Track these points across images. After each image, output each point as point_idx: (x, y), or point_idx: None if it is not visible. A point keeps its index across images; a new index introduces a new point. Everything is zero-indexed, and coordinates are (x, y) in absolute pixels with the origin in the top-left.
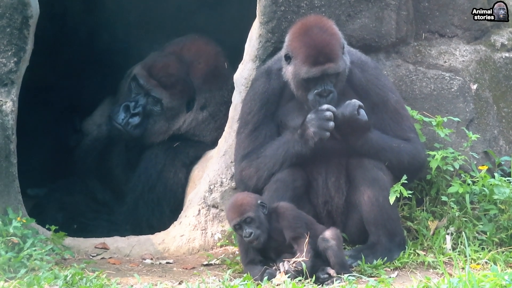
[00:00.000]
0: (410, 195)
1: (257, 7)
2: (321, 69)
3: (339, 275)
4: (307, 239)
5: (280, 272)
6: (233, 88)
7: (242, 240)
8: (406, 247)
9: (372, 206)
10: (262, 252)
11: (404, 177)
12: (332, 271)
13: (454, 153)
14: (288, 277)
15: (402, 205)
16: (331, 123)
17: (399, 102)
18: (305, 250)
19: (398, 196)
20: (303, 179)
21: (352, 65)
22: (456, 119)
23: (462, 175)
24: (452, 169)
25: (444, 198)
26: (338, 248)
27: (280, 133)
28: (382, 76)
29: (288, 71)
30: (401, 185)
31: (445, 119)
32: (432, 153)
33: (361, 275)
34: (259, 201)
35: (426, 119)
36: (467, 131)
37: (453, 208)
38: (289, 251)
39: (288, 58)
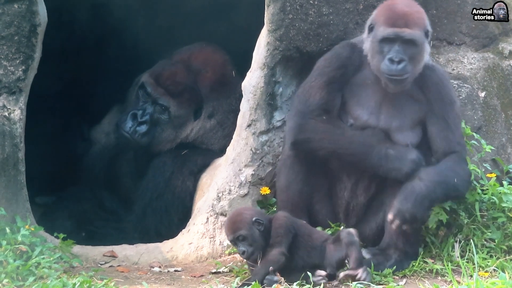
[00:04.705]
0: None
1: (265, 15)
2: (396, 31)
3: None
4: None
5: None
6: (241, 96)
7: None
8: (417, 258)
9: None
10: None
11: (449, 203)
12: (324, 273)
13: None
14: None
15: None
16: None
17: (460, 108)
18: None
19: (439, 220)
20: (326, 178)
21: (423, 67)
22: (473, 133)
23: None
24: None
25: (453, 206)
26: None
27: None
28: (448, 79)
29: (369, 41)
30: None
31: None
32: None
33: (370, 283)
34: (254, 218)
35: None
36: (482, 141)
37: (461, 215)
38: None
39: (371, 28)
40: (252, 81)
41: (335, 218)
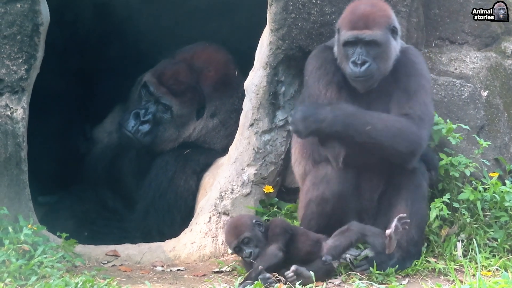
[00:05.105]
0: (447, 215)
1: (267, 14)
2: (355, 33)
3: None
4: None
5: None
6: (243, 95)
7: None
8: (420, 257)
9: (406, 208)
10: None
11: (447, 195)
12: (294, 267)
13: (464, 160)
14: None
15: None
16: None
17: (430, 86)
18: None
19: (439, 214)
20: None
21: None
22: (467, 127)
23: (473, 182)
24: (467, 174)
25: (455, 205)
26: None
27: None
28: (420, 56)
29: (337, 44)
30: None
31: (455, 126)
32: (441, 155)
33: (372, 282)
34: (254, 220)
35: (435, 127)
36: (478, 138)
37: (464, 214)
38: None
39: (338, 31)
40: (255, 80)
41: (360, 218)
